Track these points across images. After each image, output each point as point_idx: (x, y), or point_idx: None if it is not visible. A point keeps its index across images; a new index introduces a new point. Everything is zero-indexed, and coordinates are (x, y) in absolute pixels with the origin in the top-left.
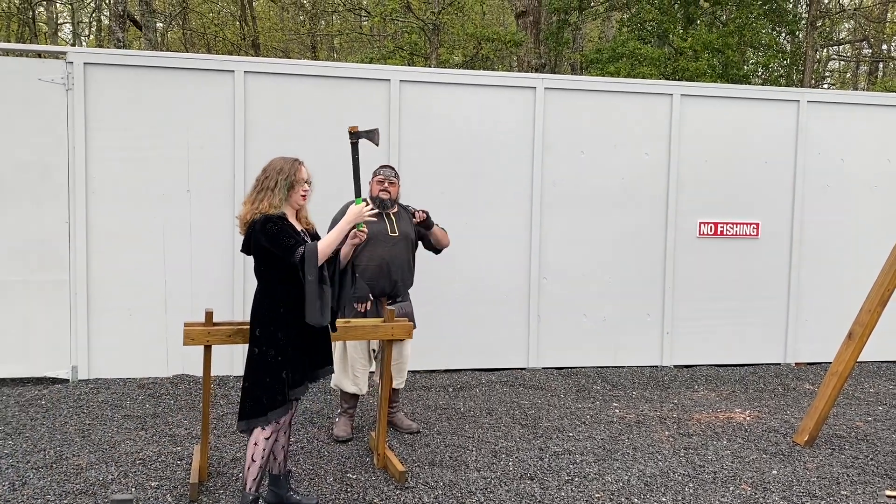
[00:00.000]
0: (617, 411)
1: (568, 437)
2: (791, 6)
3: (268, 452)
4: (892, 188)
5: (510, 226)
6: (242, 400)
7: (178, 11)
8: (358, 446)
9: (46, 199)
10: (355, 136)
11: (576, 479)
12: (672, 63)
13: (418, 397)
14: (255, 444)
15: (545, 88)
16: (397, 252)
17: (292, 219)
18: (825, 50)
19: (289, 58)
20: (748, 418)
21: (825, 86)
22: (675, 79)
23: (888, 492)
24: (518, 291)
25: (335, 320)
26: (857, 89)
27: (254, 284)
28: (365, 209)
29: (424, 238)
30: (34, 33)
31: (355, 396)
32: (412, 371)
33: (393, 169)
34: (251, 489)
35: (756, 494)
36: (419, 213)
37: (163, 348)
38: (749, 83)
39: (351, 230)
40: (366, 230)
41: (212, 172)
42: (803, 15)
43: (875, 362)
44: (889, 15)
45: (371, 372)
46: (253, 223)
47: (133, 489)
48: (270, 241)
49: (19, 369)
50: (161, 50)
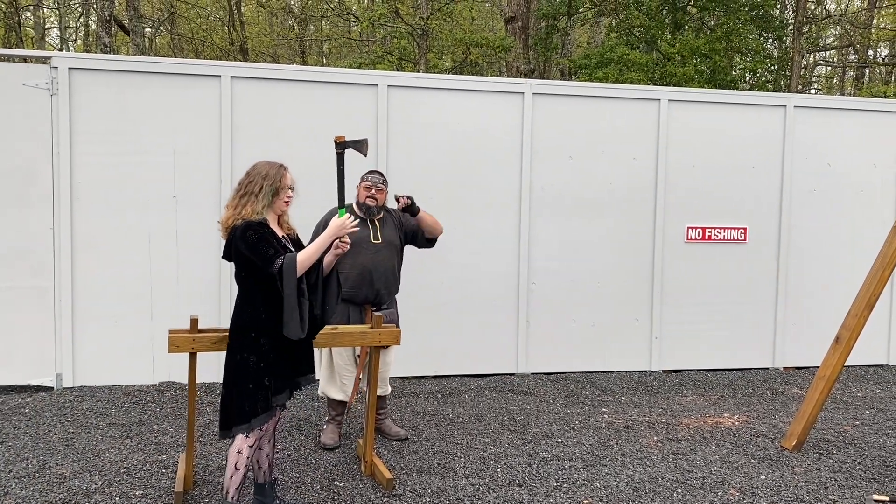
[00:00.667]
0: (606, 416)
1: (556, 443)
2: (778, 12)
3: (251, 460)
4: (878, 192)
5: (499, 231)
6: (223, 408)
7: (166, 16)
8: (345, 454)
9: (31, 205)
10: (341, 147)
11: (564, 486)
12: (660, 68)
13: (406, 403)
14: (239, 453)
15: (533, 94)
16: (380, 259)
17: (274, 224)
18: (812, 55)
19: (277, 63)
20: (736, 423)
21: (812, 91)
22: (663, 84)
23: (876, 496)
24: (507, 297)
25: (321, 328)
26: (844, 94)
27: None
28: (347, 222)
29: (415, 234)
30: (20, 38)
31: (343, 404)
32: (400, 377)
33: (381, 175)
34: (233, 498)
35: (744, 499)
36: (403, 199)
37: (148, 355)
38: (736, 88)
39: (333, 242)
40: (348, 241)
41: (198, 178)
42: (790, 21)
43: (862, 366)
44: (875, 21)
45: (359, 378)
46: (234, 229)
47: (117, 499)
48: (250, 250)
49: (2, 377)
50: (149, 55)
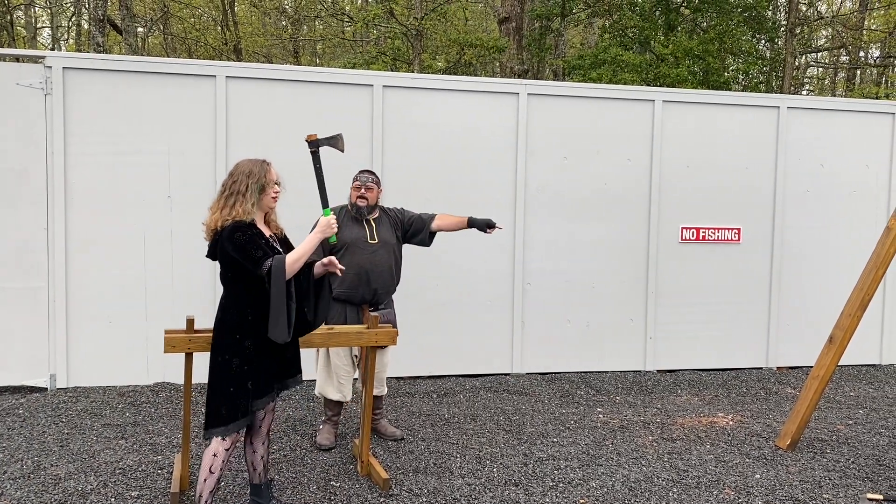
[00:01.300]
0: (601, 416)
1: (552, 443)
2: (770, 13)
3: (226, 464)
4: (871, 193)
5: (494, 231)
6: (209, 408)
7: (160, 16)
8: (341, 454)
9: (24, 205)
10: (314, 145)
11: (560, 485)
12: (653, 69)
13: (402, 404)
14: (214, 455)
15: (528, 94)
16: (377, 259)
17: (261, 224)
18: (804, 56)
19: (271, 63)
20: (731, 422)
21: (804, 92)
22: (657, 85)
23: (870, 495)
24: (502, 297)
25: (311, 330)
26: (835, 96)
27: None
28: (333, 220)
29: (419, 232)
30: (12, 37)
31: (339, 404)
32: (396, 377)
33: (371, 173)
34: (206, 502)
35: (739, 498)
36: (491, 230)
37: (143, 356)
38: (729, 89)
39: (323, 244)
40: (341, 267)
41: (193, 178)
42: (782, 22)
43: (855, 366)
44: (866, 22)
45: (355, 378)
46: (221, 230)
47: (113, 499)
48: (238, 252)
49: None
50: (142, 55)
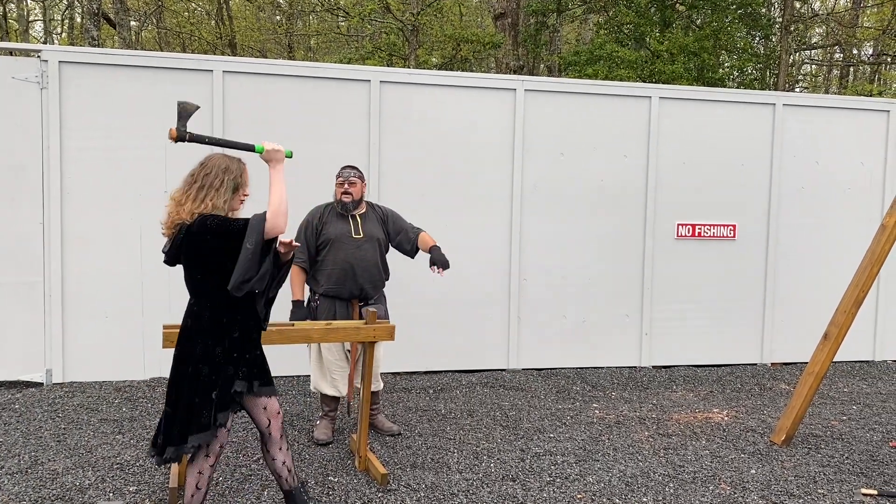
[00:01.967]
0: (597, 412)
1: (549, 438)
2: (765, 10)
3: (212, 479)
4: (866, 190)
5: (491, 227)
6: (167, 426)
7: (153, 10)
8: (339, 449)
9: (20, 200)
10: (182, 135)
11: (557, 480)
12: (649, 66)
13: (398, 399)
14: (200, 473)
15: (525, 90)
16: (363, 254)
17: None
18: (798, 54)
19: (266, 58)
20: (726, 418)
21: (798, 89)
22: (652, 81)
23: (864, 490)
24: (498, 293)
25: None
26: (829, 93)
27: None
28: (273, 145)
29: (402, 242)
30: (5, 31)
31: (335, 399)
32: (392, 373)
33: (354, 168)
34: None
35: (735, 494)
36: (440, 270)
37: (139, 351)
38: (724, 86)
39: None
40: (296, 244)
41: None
42: (777, 19)
43: (849, 362)
44: (860, 19)
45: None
46: (186, 227)
47: (111, 494)
48: (217, 232)
49: None
50: (135, 49)
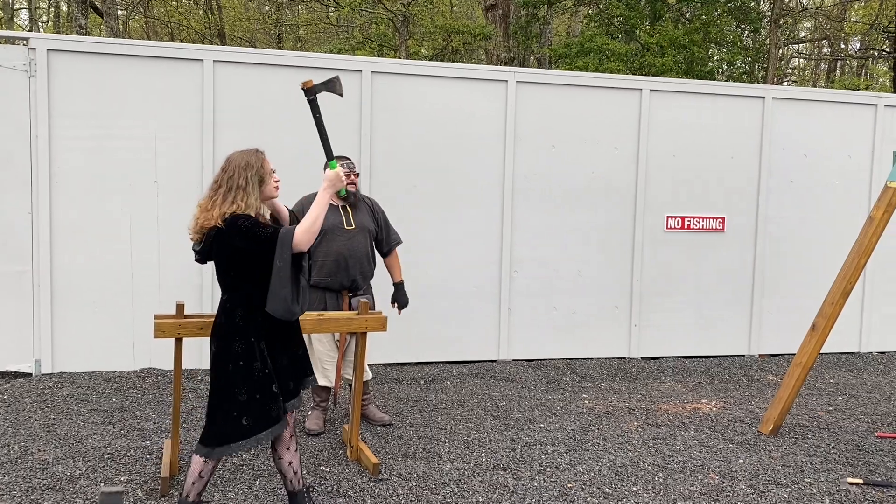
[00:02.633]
0: (586, 402)
1: (539, 428)
2: (754, 4)
3: (216, 469)
4: (853, 183)
5: (482, 219)
6: (217, 421)
7: None
8: (331, 439)
9: (8, 190)
10: (311, 93)
11: (548, 470)
12: (639, 59)
13: (390, 390)
14: (205, 461)
15: (517, 82)
16: (355, 245)
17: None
18: (786, 47)
19: (255, 48)
20: (714, 409)
21: (786, 83)
22: (642, 74)
23: (850, 479)
24: (489, 284)
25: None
26: (817, 87)
27: None
28: (342, 171)
29: (381, 241)
30: None
31: (327, 389)
32: (383, 364)
33: (351, 159)
34: (193, 501)
35: (723, 483)
36: (399, 311)
37: (129, 342)
38: (713, 79)
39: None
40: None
41: (180, 163)
42: (766, 13)
43: (835, 353)
44: (847, 14)
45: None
46: (218, 228)
47: (102, 484)
48: (245, 236)
49: None
50: (123, 38)
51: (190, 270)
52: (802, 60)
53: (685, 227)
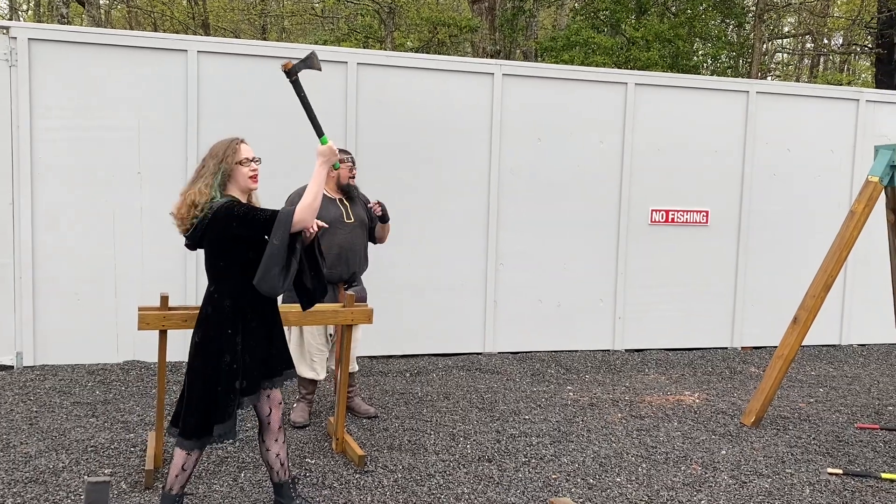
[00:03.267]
0: (571, 394)
1: (524, 420)
2: None
3: (199, 461)
4: (835, 177)
5: (467, 211)
6: (196, 412)
7: None
8: (316, 431)
9: None
10: (292, 73)
11: (532, 461)
12: (624, 52)
13: (375, 382)
14: (188, 454)
15: (503, 75)
16: (354, 238)
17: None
18: (770, 42)
19: (239, 39)
20: (697, 401)
21: (770, 78)
22: (628, 68)
23: (830, 469)
24: (475, 277)
25: (318, 299)
26: (800, 82)
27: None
28: (334, 146)
29: (373, 229)
30: None
31: (313, 382)
32: (369, 356)
33: (350, 153)
34: (177, 493)
35: (706, 473)
36: (376, 207)
37: (113, 334)
38: (698, 74)
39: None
40: (322, 224)
41: (164, 154)
42: (751, 8)
43: (817, 346)
44: (830, 9)
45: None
46: (213, 214)
47: (86, 476)
48: (244, 221)
49: None
50: (105, 27)
51: (174, 262)
52: (786, 55)
53: (669, 221)
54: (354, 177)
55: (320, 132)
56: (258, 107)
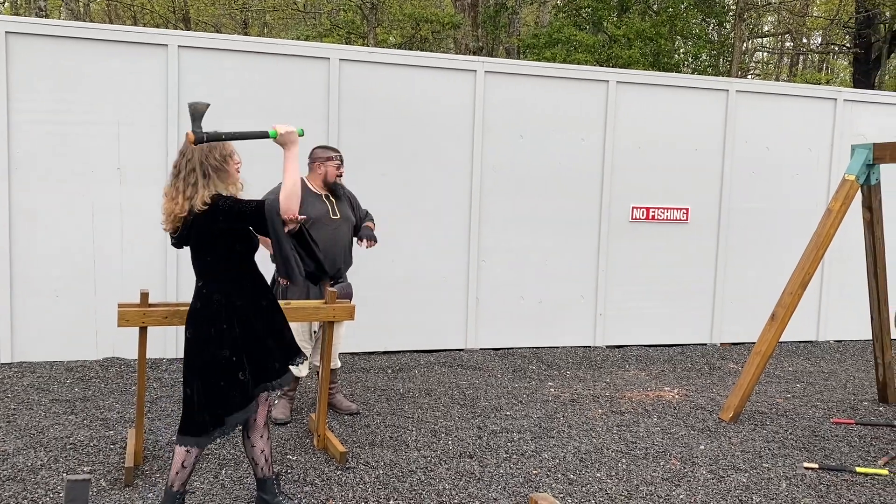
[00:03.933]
0: (552, 390)
1: (505, 416)
2: None
3: (199, 458)
4: (812, 176)
5: (449, 208)
6: (194, 408)
7: None
8: (297, 428)
9: None
10: (201, 139)
11: (514, 457)
12: (606, 50)
13: (357, 379)
14: (188, 451)
15: (486, 72)
16: (340, 235)
17: None
18: (750, 41)
19: (220, 34)
20: (677, 396)
21: (749, 76)
22: (609, 66)
23: (806, 464)
24: (457, 273)
25: (323, 278)
26: (779, 81)
27: (187, 265)
28: (282, 127)
29: (357, 227)
30: None
31: (296, 379)
32: (351, 353)
33: (339, 152)
34: (178, 490)
35: (685, 468)
36: (369, 243)
37: (91, 331)
38: (679, 72)
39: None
40: (303, 216)
41: (143, 150)
42: (731, 7)
43: (794, 342)
44: (809, 8)
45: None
46: (196, 213)
47: (65, 474)
48: (229, 214)
49: None
50: (83, 21)
51: (154, 258)
52: (766, 54)
53: (650, 218)
54: (342, 175)
55: (263, 134)
56: (239, 103)
